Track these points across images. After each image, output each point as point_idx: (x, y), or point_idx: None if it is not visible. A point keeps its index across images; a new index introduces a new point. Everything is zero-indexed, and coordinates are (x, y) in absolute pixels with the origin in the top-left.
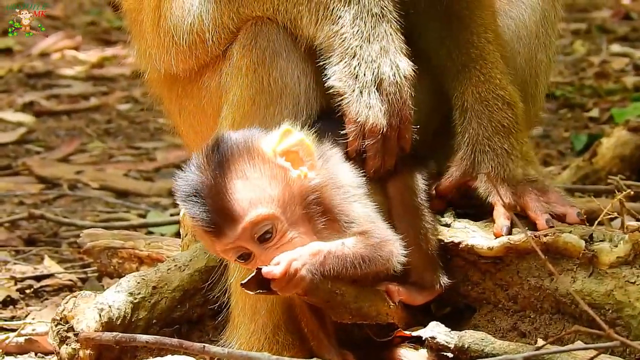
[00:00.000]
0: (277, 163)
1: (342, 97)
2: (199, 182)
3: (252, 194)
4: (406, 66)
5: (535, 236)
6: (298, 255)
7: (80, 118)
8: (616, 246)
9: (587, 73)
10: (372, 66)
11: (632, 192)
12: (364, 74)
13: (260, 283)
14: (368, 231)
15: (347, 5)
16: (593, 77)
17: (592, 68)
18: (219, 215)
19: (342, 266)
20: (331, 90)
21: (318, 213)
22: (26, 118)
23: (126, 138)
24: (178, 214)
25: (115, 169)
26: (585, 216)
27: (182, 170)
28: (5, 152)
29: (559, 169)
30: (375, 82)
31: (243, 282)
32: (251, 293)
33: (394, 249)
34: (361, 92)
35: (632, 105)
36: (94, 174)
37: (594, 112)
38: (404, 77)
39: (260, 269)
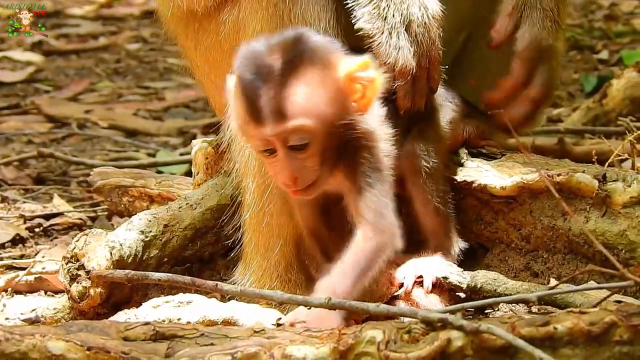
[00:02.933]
0: (344, 86)
1: (372, 39)
2: (266, 64)
3: (308, 103)
4: (435, 6)
5: (548, 175)
6: None
7: (89, 57)
8: (629, 186)
9: (596, 15)
10: (400, 7)
11: None
12: (393, 15)
13: None
14: (372, 227)
15: None
16: (602, 20)
17: (601, 10)
18: (269, 105)
19: None
20: (360, 33)
21: (343, 159)
22: (35, 57)
23: (135, 78)
24: (188, 154)
25: (125, 108)
26: None
27: (253, 43)
28: (14, 91)
29: (569, 110)
30: (404, 24)
31: None
32: None
33: (393, 247)
34: (390, 33)
35: None
36: (103, 113)
37: (604, 54)
38: (433, 17)
39: None
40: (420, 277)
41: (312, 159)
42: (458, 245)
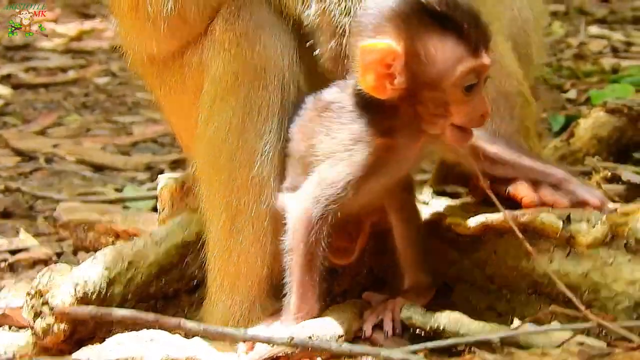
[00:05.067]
0: None
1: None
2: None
3: None
4: None
5: (513, 215)
6: None
7: (58, 91)
8: (594, 227)
9: (565, 54)
10: None
11: (609, 174)
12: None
13: None
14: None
15: None
16: (571, 59)
17: (570, 49)
18: (485, 32)
19: None
20: (324, 70)
21: None
22: (4, 90)
23: (103, 112)
24: (155, 189)
25: (92, 142)
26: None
27: None
28: None
29: (536, 149)
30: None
31: None
32: None
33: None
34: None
35: (609, 87)
36: (71, 148)
37: (572, 94)
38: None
39: None
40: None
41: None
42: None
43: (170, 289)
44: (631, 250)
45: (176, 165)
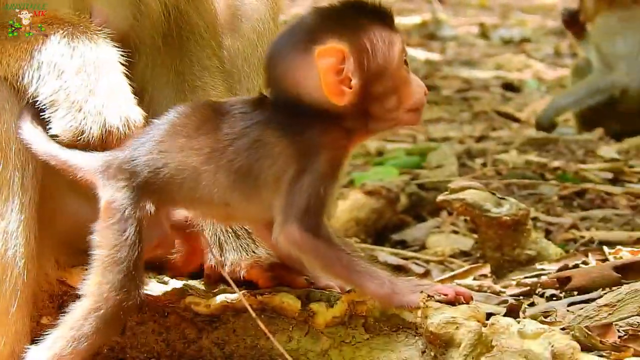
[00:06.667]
0: None
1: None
2: None
3: None
4: (136, 115)
5: (252, 295)
6: None
7: None
8: (332, 306)
9: None
10: (98, 119)
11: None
12: (91, 129)
13: None
14: None
15: (69, 58)
16: None
17: None
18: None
19: None
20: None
21: None
22: None
23: None
24: None
25: None
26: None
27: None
28: None
29: None
30: (102, 136)
31: None
32: None
33: None
34: (86, 148)
35: (373, 169)
36: None
37: None
38: (135, 126)
39: None
40: None
41: None
42: None
43: None
44: (369, 329)
45: None
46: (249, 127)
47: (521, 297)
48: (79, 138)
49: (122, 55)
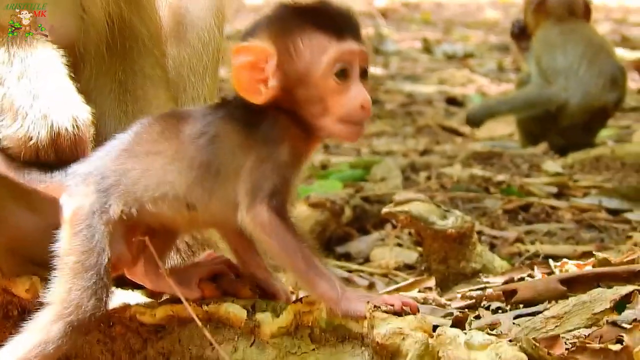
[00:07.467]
0: None
1: None
2: None
3: None
4: (84, 114)
5: (197, 305)
6: None
7: None
8: (278, 316)
9: None
10: (45, 123)
11: None
12: (39, 133)
13: None
14: None
15: (10, 65)
16: None
17: None
18: (353, 22)
19: None
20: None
21: None
22: None
23: None
24: None
25: None
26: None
27: None
28: None
29: None
30: (52, 139)
31: None
32: None
33: None
34: (37, 154)
35: (317, 182)
36: None
37: None
38: (84, 125)
39: None
40: None
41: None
42: None
43: None
44: (316, 340)
45: None
46: (208, 125)
47: (467, 310)
48: (28, 145)
49: (67, 65)
